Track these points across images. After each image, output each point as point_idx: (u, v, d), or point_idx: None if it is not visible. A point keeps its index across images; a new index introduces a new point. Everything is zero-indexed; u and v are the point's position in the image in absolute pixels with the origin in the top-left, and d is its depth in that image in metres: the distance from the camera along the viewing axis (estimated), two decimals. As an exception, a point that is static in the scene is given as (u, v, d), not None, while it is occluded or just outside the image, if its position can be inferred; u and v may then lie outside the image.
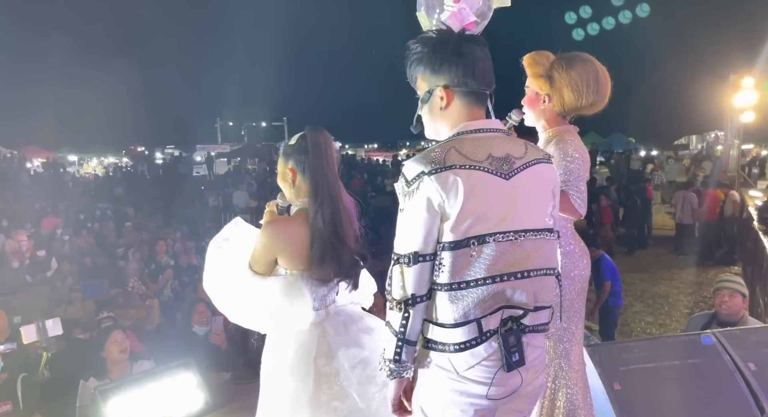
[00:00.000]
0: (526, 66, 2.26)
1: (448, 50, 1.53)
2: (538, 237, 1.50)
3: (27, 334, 3.45)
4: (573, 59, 2.19)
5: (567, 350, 2.19)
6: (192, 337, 4.47)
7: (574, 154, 2.15)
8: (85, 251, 9.26)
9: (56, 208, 12.79)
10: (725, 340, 2.70)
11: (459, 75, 1.52)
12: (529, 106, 2.28)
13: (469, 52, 1.52)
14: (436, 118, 1.60)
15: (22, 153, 24.42)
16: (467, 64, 1.52)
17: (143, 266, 8.14)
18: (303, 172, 1.95)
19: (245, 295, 1.93)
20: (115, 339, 3.56)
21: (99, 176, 23.92)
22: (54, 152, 27.17)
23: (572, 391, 2.19)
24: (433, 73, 1.55)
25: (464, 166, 1.42)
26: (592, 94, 2.17)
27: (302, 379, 1.88)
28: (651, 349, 2.73)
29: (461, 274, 1.41)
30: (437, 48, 1.54)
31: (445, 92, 1.54)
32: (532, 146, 1.58)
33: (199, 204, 14.15)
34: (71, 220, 11.54)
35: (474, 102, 1.56)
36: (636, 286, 8.23)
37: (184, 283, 7.46)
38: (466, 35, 1.57)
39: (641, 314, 7.02)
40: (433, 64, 1.54)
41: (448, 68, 1.53)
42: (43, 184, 17.85)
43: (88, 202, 14.40)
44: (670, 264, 9.77)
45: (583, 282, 2.22)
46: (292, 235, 1.90)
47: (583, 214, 2.15)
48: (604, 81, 2.19)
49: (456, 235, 1.41)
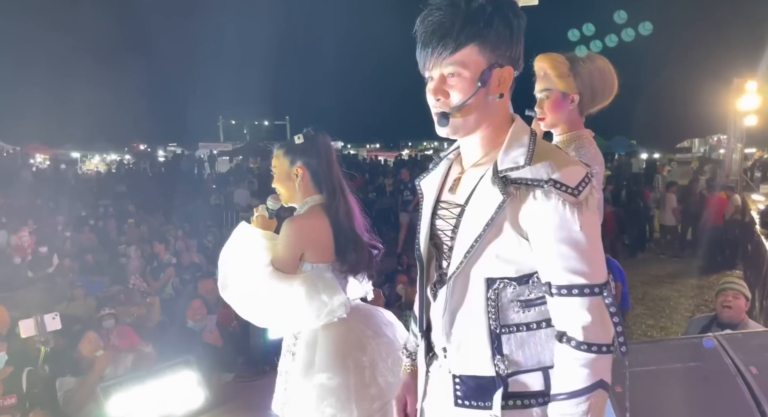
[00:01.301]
0: (550, 67, 2.17)
1: (522, 22, 1.21)
2: None
3: (25, 329, 3.46)
4: (587, 55, 2.20)
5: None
6: (192, 335, 4.47)
7: (592, 159, 2.11)
8: (87, 248, 9.28)
9: (58, 205, 12.82)
10: (727, 343, 2.69)
11: (520, 58, 1.24)
12: (554, 109, 2.20)
13: (523, 33, 1.22)
14: (483, 108, 1.22)
15: (25, 150, 24.48)
16: (522, 47, 1.24)
17: (145, 264, 8.16)
18: (313, 170, 1.97)
19: (272, 295, 1.91)
20: (89, 339, 3.56)
21: (101, 173, 23.94)
22: (57, 149, 27.22)
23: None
24: (499, 46, 1.18)
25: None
26: (614, 84, 2.19)
27: (345, 374, 1.89)
28: (652, 351, 2.73)
29: None
30: (516, 15, 1.19)
31: (509, 73, 1.22)
32: None
33: (201, 202, 14.15)
34: (73, 217, 11.57)
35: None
36: (637, 288, 8.21)
37: (186, 280, 7.46)
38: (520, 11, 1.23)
39: (642, 317, 7.00)
40: (509, 34, 1.18)
41: (518, 46, 1.22)
42: (46, 181, 17.89)
43: (91, 199, 14.42)
44: (671, 267, 9.76)
45: None
46: (317, 228, 1.93)
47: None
48: (614, 73, 2.22)
49: None
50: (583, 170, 1.17)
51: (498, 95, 1.22)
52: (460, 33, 1.16)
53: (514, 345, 1.22)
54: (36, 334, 3.48)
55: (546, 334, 1.23)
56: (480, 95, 1.20)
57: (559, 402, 1.15)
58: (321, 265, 1.93)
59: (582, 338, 1.14)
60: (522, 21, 1.20)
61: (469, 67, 1.18)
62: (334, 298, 1.90)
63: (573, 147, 2.17)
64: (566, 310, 1.16)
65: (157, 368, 3.19)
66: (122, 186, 17.44)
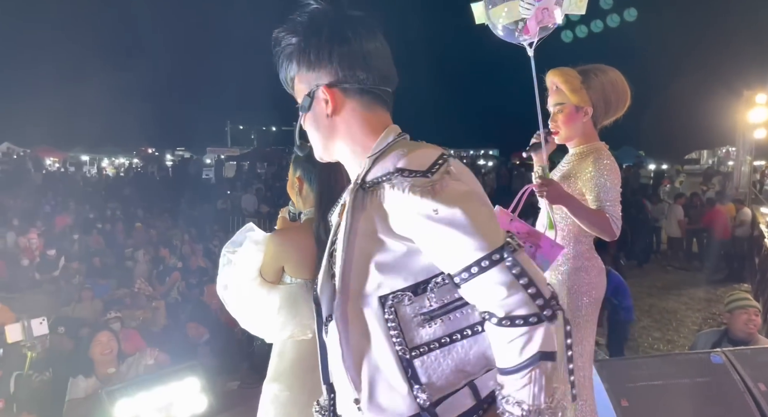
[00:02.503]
0: (562, 81, 2.19)
1: (324, 35, 1.12)
2: None
3: (12, 334, 3.42)
4: (598, 67, 2.21)
5: (577, 367, 2.18)
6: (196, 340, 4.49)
7: (611, 172, 2.13)
8: (94, 251, 9.33)
9: (67, 207, 12.90)
10: (735, 359, 2.67)
11: (344, 67, 1.12)
12: (568, 122, 2.22)
13: (356, 37, 1.11)
14: (324, 130, 1.18)
15: (35, 152, 24.67)
16: (354, 51, 1.12)
17: (151, 267, 8.19)
18: (310, 182, 1.95)
19: (252, 303, 1.93)
20: (100, 340, 3.56)
21: (109, 176, 24.10)
22: (66, 152, 27.42)
23: (582, 408, 2.18)
24: (310, 68, 1.14)
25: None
26: (627, 97, 2.20)
27: (298, 390, 1.87)
28: (660, 366, 2.71)
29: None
30: (310, 34, 1.13)
31: (330, 92, 1.14)
32: None
33: (208, 206, 14.21)
34: (81, 219, 11.64)
35: (376, 103, 1.16)
36: (644, 300, 8.15)
37: (191, 285, 7.49)
38: (348, 14, 1.15)
39: (648, 329, 6.95)
40: (308, 55, 1.13)
41: (329, 59, 1.12)
42: (55, 184, 18.01)
43: (99, 202, 14.51)
44: (678, 279, 9.69)
45: (598, 301, 2.21)
46: (299, 243, 1.89)
47: (617, 236, 2.11)
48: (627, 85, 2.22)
49: None
50: (435, 152, 1.06)
51: (327, 115, 1.15)
52: (281, 67, 1.19)
53: (431, 368, 1.07)
54: (23, 339, 3.44)
55: (463, 345, 1.08)
56: (310, 120, 1.18)
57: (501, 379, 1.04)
58: (299, 281, 1.91)
59: (501, 313, 1.01)
60: (327, 33, 1.12)
61: (300, 96, 1.18)
62: (297, 315, 1.87)
63: (591, 159, 2.18)
64: (476, 294, 1.03)
65: (161, 373, 3.20)
66: (130, 189, 17.54)
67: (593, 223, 2.08)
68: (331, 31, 1.12)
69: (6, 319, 5.02)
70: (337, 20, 1.13)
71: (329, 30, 1.12)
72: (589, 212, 2.09)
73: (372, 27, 1.15)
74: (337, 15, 1.14)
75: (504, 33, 2.33)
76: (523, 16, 2.24)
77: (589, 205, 2.12)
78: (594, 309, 2.21)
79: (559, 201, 2.12)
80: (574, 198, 2.13)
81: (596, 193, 2.11)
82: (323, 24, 1.12)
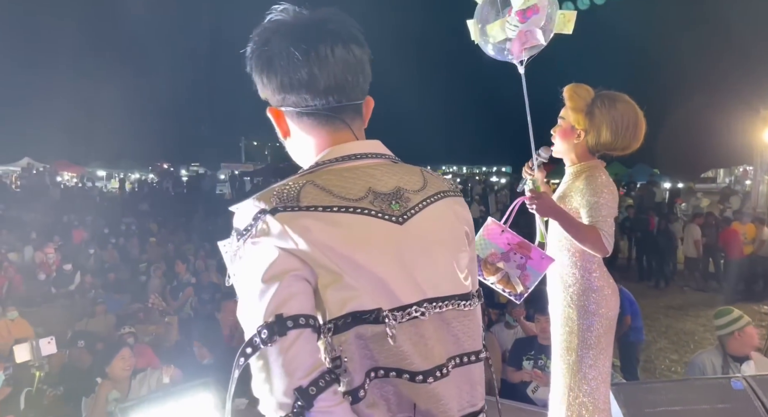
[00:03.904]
0: (567, 98, 2.24)
1: (268, 50, 1.02)
2: (455, 307, 1.03)
3: (20, 354, 3.44)
4: (616, 99, 2.19)
5: (593, 389, 2.15)
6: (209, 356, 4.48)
7: (603, 189, 2.14)
8: (109, 265, 9.42)
9: (84, 222, 13.07)
10: (757, 385, 2.61)
11: (281, 87, 1.03)
12: (562, 137, 2.28)
13: (304, 51, 0.99)
14: (290, 150, 1.14)
15: (54, 167, 25.08)
16: (295, 68, 1.00)
17: (165, 282, 8.24)
18: None
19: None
20: (123, 356, 3.58)
21: (125, 191, 24.42)
22: (84, 167, 27.86)
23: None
24: (262, 85, 1.07)
25: (331, 209, 0.94)
26: (629, 137, 2.18)
27: None
28: (678, 390, 2.66)
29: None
30: (258, 47, 1.04)
31: (272, 113, 1.09)
32: (431, 174, 1.13)
33: (221, 221, 14.31)
34: (97, 234, 11.77)
35: (328, 122, 1.05)
36: (660, 321, 8.03)
37: (204, 300, 7.51)
38: (304, 24, 1.03)
39: (665, 351, 6.83)
40: (260, 71, 1.05)
41: (268, 77, 1.04)
42: (73, 198, 18.28)
43: (114, 217, 14.68)
44: (696, 299, 9.53)
45: (611, 320, 2.19)
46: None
47: (609, 253, 2.12)
48: (642, 125, 2.20)
49: (329, 312, 0.92)
50: (255, 206, 0.94)
51: (285, 137, 1.11)
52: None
53: None
54: (31, 358, 3.46)
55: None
56: (285, 141, 1.14)
57: None
58: None
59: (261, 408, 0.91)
60: (258, 53, 1.04)
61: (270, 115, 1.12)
62: None
63: (583, 177, 2.21)
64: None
65: (175, 389, 3.19)
66: (145, 204, 17.74)
67: (585, 238, 2.09)
68: (278, 46, 1.01)
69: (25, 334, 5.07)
70: (286, 31, 1.02)
71: (276, 45, 1.01)
72: (580, 227, 2.11)
73: (334, 36, 1.02)
74: (288, 25, 1.03)
75: (494, 52, 2.41)
76: (509, 36, 2.32)
77: (582, 221, 2.13)
78: (608, 329, 2.18)
79: (549, 214, 2.16)
80: (564, 211, 2.15)
81: (588, 209, 2.13)
82: (270, 37, 1.03)
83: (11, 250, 9.72)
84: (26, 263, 9.47)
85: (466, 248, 1.10)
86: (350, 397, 0.91)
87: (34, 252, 9.58)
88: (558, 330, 2.25)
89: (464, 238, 1.10)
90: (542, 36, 2.30)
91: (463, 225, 1.10)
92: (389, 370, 0.94)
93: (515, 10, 2.28)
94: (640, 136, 2.20)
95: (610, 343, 2.21)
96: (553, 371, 2.30)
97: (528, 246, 2.21)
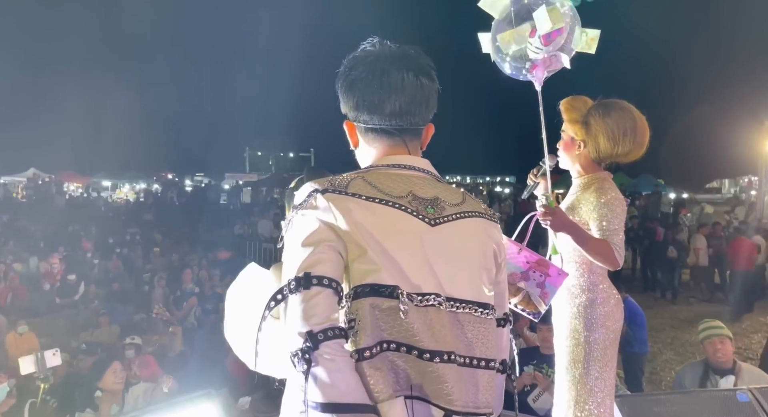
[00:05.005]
0: (563, 111, 2.26)
1: (353, 75, 1.21)
2: (471, 312, 1.12)
3: (25, 366, 3.43)
4: (610, 107, 2.19)
5: (600, 402, 2.13)
6: (212, 366, 4.47)
7: (614, 202, 2.14)
8: (113, 275, 9.43)
9: (88, 232, 13.11)
10: (762, 397, 2.58)
11: (356, 106, 1.22)
12: (564, 150, 2.30)
13: (380, 80, 1.17)
14: (357, 158, 1.31)
15: (59, 177, 25.21)
16: (370, 92, 1.18)
17: (168, 292, 8.24)
18: None
19: (265, 339, 1.90)
20: (114, 370, 3.56)
21: (130, 201, 24.51)
22: (89, 177, 28.00)
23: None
24: (343, 103, 1.26)
25: (373, 199, 1.10)
26: (628, 143, 2.17)
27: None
28: (683, 402, 2.63)
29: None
30: (346, 71, 1.23)
31: (347, 125, 1.28)
32: (472, 198, 1.25)
33: (225, 232, 14.33)
34: (102, 244, 11.80)
35: (386, 139, 1.23)
36: (666, 332, 7.97)
37: (207, 310, 7.51)
38: (386, 56, 1.21)
39: (671, 363, 6.76)
40: (343, 91, 1.24)
41: (348, 96, 1.23)
42: (78, 209, 18.36)
43: (119, 227, 14.72)
44: (702, 311, 9.45)
45: (616, 332, 2.18)
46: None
47: (620, 266, 2.12)
48: (642, 130, 2.18)
49: (352, 281, 1.07)
50: (310, 186, 1.13)
51: (354, 147, 1.29)
52: None
53: None
54: (36, 370, 3.44)
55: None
56: (355, 150, 1.31)
57: None
58: None
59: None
60: (344, 76, 1.22)
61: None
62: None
63: (593, 189, 2.20)
64: None
65: (177, 400, 3.18)
66: (149, 215, 17.78)
67: (597, 252, 2.09)
68: (350, 79, 1.21)
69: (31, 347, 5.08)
70: (364, 66, 1.19)
71: (351, 75, 1.21)
72: (593, 241, 2.10)
73: (409, 66, 1.19)
74: (370, 61, 1.20)
75: (511, 70, 2.38)
76: (531, 57, 2.29)
77: (592, 234, 2.13)
78: (613, 341, 2.18)
79: (563, 229, 2.14)
80: (578, 226, 2.14)
81: (599, 223, 2.12)
82: (353, 68, 1.21)
83: (16, 261, 9.76)
84: (31, 273, 9.50)
85: (493, 266, 1.20)
86: (357, 355, 1.02)
87: (39, 262, 9.61)
88: (564, 342, 2.23)
89: (492, 257, 1.20)
90: (567, 60, 2.28)
91: (493, 244, 1.20)
92: (400, 345, 1.05)
93: (540, 34, 2.22)
94: (643, 141, 2.19)
95: (615, 355, 2.20)
96: (557, 383, 2.28)
97: (546, 263, 2.16)
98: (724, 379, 3.41)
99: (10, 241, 11.38)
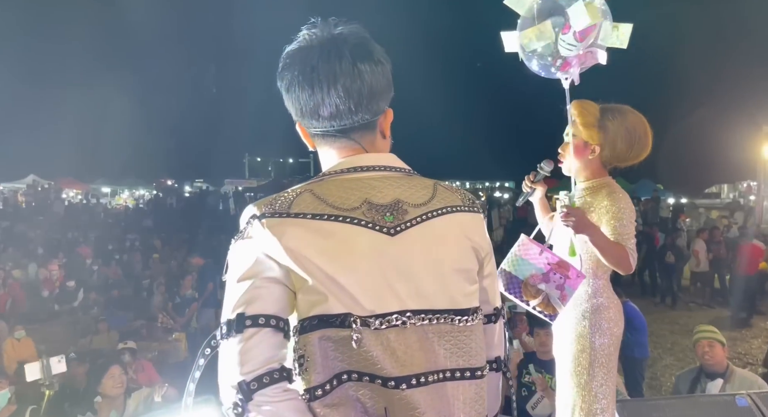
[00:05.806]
0: (577, 114, 2.22)
1: (286, 78, 1.08)
2: (447, 322, 1.02)
3: (30, 372, 3.41)
4: (624, 110, 2.20)
5: (604, 408, 2.13)
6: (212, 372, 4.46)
7: (626, 207, 2.14)
8: (113, 282, 9.42)
9: (87, 239, 13.10)
10: (762, 402, 2.58)
11: (298, 112, 1.11)
12: (576, 155, 2.24)
13: (310, 83, 1.05)
14: (320, 159, 1.18)
15: (59, 184, 25.20)
16: (305, 97, 1.06)
17: (167, 298, 8.24)
18: None
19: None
20: (112, 374, 3.54)
21: (129, 208, 24.51)
22: (88, 184, 27.99)
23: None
24: (288, 106, 1.13)
25: (321, 216, 0.99)
26: (642, 147, 2.19)
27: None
28: (683, 407, 2.63)
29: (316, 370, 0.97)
30: (280, 73, 1.10)
31: (299, 128, 1.16)
32: (445, 188, 1.12)
33: (225, 237, 14.32)
34: (101, 251, 11.80)
35: (336, 141, 1.11)
36: (666, 338, 7.96)
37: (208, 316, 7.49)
38: (318, 51, 1.06)
39: (671, 368, 6.75)
40: (283, 95, 1.12)
41: (288, 102, 1.11)
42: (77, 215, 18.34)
43: (118, 233, 14.71)
44: (703, 316, 9.45)
45: (618, 338, 2.18)
46: None
47: (633, 270, 2.12)
48: (650, 133, 2.21)
49: (299, 313, 0.99)
50: (250, 211, 1.03)
51: (312, 148, 1.18)
52: None
53: None
54: (41, 377, 3.43)
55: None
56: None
57: None
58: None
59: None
60: (280, 79, 1.11)
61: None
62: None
63: (604, 193, 2.19)
64: None
65: (177, 406, 3.17)
66: (149, 221, 17.77)
67: (613, 256, 2.08)
68: (286, 84, 1.08)
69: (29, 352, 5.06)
70: (294, 66, 1.07)
71: (285, 77, 1.08)
72: (611, 244, 2.09)
73: (336, 59, 1.04)
74: (300, 59, 1.06)
75: (539, 68, 2.30)
76: (564, 54, 2.21)
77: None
78: (615, 347, 2.18)
79: (585, 231, 2.10)
80: (598, 228, 2.12)
81: (613, 227, 2.11)
82: (286, 67, 1.08)
83: (15, 267, 9.75)
84: (30, 280, 9.49)
85: (474, 264, 1.09)
86: (308, 395, 0.96)
87: (38, 269, 9.61)
88: (567, 348, 2.21)
89: (471, 254, 1.08)
90: (604, 56, 2.22)
91: (470, 241, 1.08)
92: (362, 375, 0.97)
93: (576, 30, 2.13)
94: (650, 145, 2.22)
95: (615, 361, 2.20)
96: (559, 389, 2.27)
97: (566, 265, 2.12)
98: (712, 383, 3.41)
99: (9, 248, 11.37)
